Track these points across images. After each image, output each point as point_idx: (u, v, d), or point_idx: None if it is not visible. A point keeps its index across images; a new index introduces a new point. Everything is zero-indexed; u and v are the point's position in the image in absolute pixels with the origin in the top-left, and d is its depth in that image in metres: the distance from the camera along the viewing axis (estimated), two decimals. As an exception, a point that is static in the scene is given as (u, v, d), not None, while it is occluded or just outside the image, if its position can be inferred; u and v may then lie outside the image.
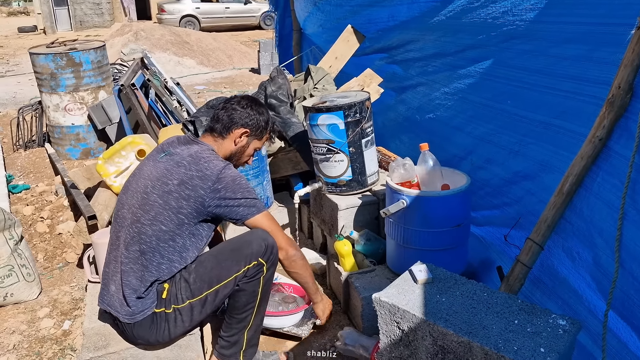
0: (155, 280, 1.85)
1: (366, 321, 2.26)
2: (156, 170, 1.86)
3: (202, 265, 1.89)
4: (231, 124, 1.98)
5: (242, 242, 1.89)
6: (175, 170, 1.83)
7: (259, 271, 1.89)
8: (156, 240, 1.82)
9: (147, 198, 1.83)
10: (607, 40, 1.73)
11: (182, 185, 1.80)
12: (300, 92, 3.52)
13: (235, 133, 1.99)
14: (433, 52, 2.81)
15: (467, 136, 2.57)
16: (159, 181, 1.83)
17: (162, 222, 1.81)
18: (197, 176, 1.80)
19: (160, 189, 1.82)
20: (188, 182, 1.80)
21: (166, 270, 1.86)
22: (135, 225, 1.83)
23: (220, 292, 1.88)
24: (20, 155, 5.13)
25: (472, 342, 1.37)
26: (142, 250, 1.83)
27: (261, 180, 2.91)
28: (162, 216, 1.81)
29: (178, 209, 1.81)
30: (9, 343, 2.42)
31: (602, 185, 1.78)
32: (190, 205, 1.81)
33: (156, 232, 1.82)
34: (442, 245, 2.23)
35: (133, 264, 1.84)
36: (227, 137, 1.99)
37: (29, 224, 3.59)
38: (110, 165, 3.09)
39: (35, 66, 4.78)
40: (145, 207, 1.83)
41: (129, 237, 1.85)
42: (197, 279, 1.87)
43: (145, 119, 3.96)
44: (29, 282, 2.74)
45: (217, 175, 1.81)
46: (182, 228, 1.84)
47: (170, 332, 1.91)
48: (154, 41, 10.72)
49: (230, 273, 1.86)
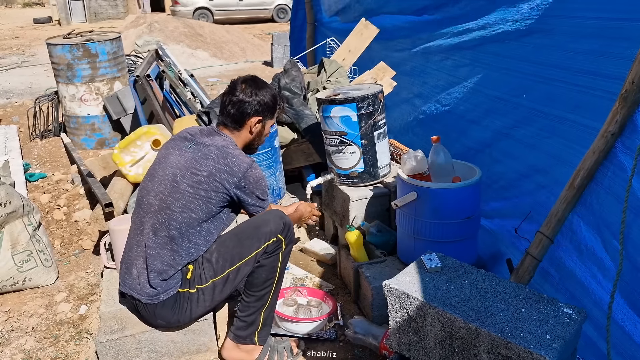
0: (186, 263, 1.94)
1: (376, 310, 2.29)
2: (184, 160, 1.94)
3: (223, 244, 1.98)
4: (243, 117, 2.02)
5: (261, 220, 1.99)
6: (205, 162, 1.91)
7: (278, 247, 1.98)
8: (185, 227, 1.91)
9: (177, 186, 1.91)
10: (622, 36, 1.74)
11: (210, 177, 1.90)
12: (314, 84, 3.55)
13: (250, 123, 2.04)
14: (452, 44, 2.82)
15: (483, 130, 2.58)
16: (189, 171, 1.91)
17: (193, 210, 1.90)
18: (225, 170, 1.90)
19: (191, 179, 1.90)
20: (217, 174, 1.90)
21: (194, 254, 1.95)
22: (165, 212, 1.91)
23: (242, 269, 1.96)
24: (36, 145, 5.21)
25: (479, 329, 1.40)
26: (171, 235, 1.91)
27: (274, 171, 2.95)
28: (192, 204, 1.90)
29: (207, 199, 1.91)
30: (27, 325, 2.50)
31: (612, 180, 1.79)
32: (219, 196, 1.92)
33: (186, 219, 1.90)
34: (452, 237, 2.25)
35: (161, 248, 1.92)
36: (243, 128, 2.05)
37: (45, 212, 3.67)
38: (126, 155, 3.15)
39: (52, 57, 4.85)
40: (175, 195, 1.91)
41: (157, 223, 1.92)
42: (219, 258, 1.96)
43: (159, 110, 4.01)
44: (47, 267, 2.81)
45: (243, 173, 1.92)
46: (210, 214, 1.94)
47: (192, 311, 2.00)
48: (167, 33, 10.78)
49: (252, 250, 1.94)
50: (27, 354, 2.30)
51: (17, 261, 2.68)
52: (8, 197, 2.60)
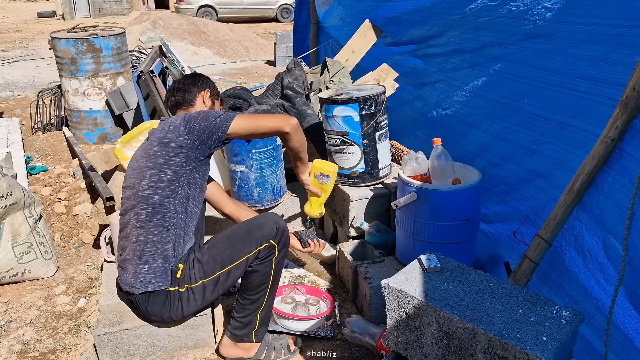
0: (168, 245, 1.91)
1: (374, 310, 2.31)
2: (141, 149, 1.98)
3: (215, 246, 1.97)
4: (194, 90, 2.14)
5: (254, 224, 1.97)
6: (153, 137, 1.94)
7: (271, 253, 1.95)
8: (159, 198, 1.89)
9: (139, 168, 1.93)
10: (624, 42, 1.75)
11: (161, 142, 1.90)
12: (317, 84, 3.56)
13: (201, 96, 2.15)
14: (452, 48, 2.83)
15: (482, 133, 2.59)
16: (144, 151, 1.94)
17: (159, 180, 1.89)
18: (169, 129, 1.90)
19: (146, 155, 1.92)
20: (164, 137, 1.90)
21: (181, 225, 1.93)
22: (137, 195, 1.91)
23: (232, 272, 1.94)
24: (38, 138, 5.23)
25: (476, 329, 1.41)
26: (149, 213, 1.89)
27: (275, 169, 2.96)
28: (156, 175, 1.89)
29: (168, 163, 1.88)
30: (26, 317, 2.51)
31: (612, 185, 1.80)
32: (177, 155, 1.88)
33: (156, 190, 1.89)
34: (451, 238, 2.26)
35: (146, 230, 1.90)
36: (195, 102, 2.14)
37: (46, 205, 3.68)
38: (128, 150, 3.15)
39: (56, 50, 4.86)
40: (140, 176, 1.92)
41: (135, 209, 1.92)
42: (210, 259, 1.94)
43: (162, 106, 4.02)
44: (47, 260, 2.82)
45: (183, 118, 1.92)
46: (180, 178, 1.90)
47: (184, 310, 1.98)
48: (171, 30, 10.79)
49: (243, 254, 1.92)
50: (26, 345, 2.31)
51: (17, 253, 2.70)
52: (10, 189, 2.61)
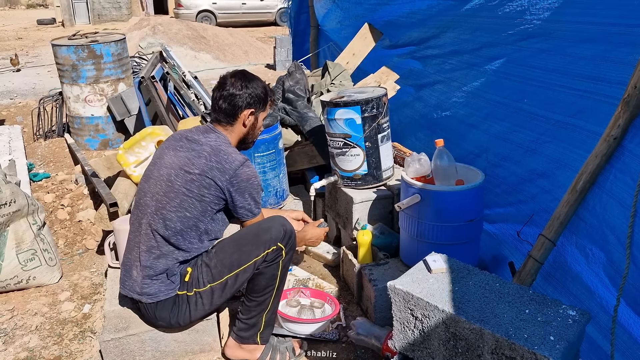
0: (183, 262, 1.94)
1: (378, 312, 2.30)
2: (178, 159, 1.93)
3: (222, 250, 1.97)
4: (235, 110, 2.01)
5: (262, 228, 1.98)
6: (197, 161, 1.91)
7: (278, 255, 1.96)
8: (181, 226, 1.90)
9: (172, 186, 1.90)
10: (624, 41, 1.76)
11: (202, 175, 1.89)
12: (318, 87, 3.57)
13: (242, 116, 2.03)
14: (451, 49, 2.84)
15: (483, 134, 2.60)
16: (182, 170, 1.91)
17: (187, 209, 1.90)
18: (217, 168, 1.89)
19: (184, 178, 1.90)
20: (208, 172, 1.89)
21: (192, 254, 1.95)
22: (161, 212, 1.91)
23: (240, 276, 1.95)
24: (40, 145, 5.24)
25: (483, 330, 1.41)
26: (167, 235, 1.91)
27: (277, 173, 2.97)
28: (186, 203, 1.89)
29: (201, 197, 1.89)
30: (31, 324, 2.51)
31: (614, 184, 1.80)
32: (212, 193, 1.90)
33: (181, 218, 1.90)
34: (455, 239, 2.26)
35: (158, 249, 1.92)
36: (236, 122, 2.03)
37: (49, 211, 3.68)
38: (131, 155, 3.16)
39: (57, 57, 4.88)
40: (170, 195, 1.90)
41: (154, 224, 1.92)
42: (218, 263, 1.94)
43: (164, 111, 4.03)
44: (51, 267, 2.83)
45: (235, 170, 1.90)
46: (205, 214, 1.92)
47: (191, 314, 1.99)
48: (171, 35, 10.82)
49: (250, 257, 1.93)
50: (31, 352, 2.31)
51: (21, 260, 2.70)
52: (13, 196, 2.62)
